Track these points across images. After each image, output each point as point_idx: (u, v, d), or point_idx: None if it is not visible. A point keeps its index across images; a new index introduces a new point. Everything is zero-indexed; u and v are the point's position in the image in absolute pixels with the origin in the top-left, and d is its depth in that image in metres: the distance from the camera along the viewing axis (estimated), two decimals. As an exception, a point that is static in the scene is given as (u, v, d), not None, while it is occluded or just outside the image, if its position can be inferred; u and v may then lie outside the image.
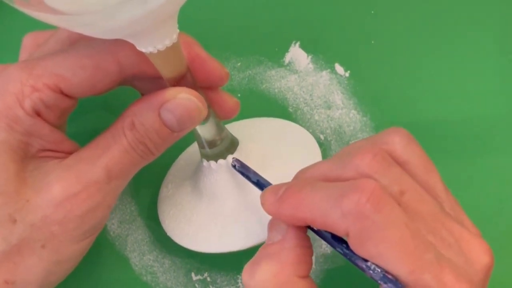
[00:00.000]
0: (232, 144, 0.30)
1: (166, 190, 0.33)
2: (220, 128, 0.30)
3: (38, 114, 0.26)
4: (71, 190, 0.25)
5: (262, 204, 0.25)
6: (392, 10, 0.38)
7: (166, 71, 0.26)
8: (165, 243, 0.33)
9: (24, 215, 0.25)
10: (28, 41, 0.30)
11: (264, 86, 0.37)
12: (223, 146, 0.30)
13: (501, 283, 0.31)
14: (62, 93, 0.26)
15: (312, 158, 0.31)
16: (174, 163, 0.34)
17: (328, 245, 0.32)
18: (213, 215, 0.30)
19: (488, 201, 0.33)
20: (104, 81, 0.26)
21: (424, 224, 0.23)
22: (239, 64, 0.37)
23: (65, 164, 0.26)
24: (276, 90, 0.37)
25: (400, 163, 0.24)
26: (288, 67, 0.37)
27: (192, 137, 0.30)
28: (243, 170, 0.29)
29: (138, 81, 0.29)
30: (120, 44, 0.26)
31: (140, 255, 0.33)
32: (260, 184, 0.28)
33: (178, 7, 0.23)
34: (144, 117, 0.26)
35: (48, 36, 0.29)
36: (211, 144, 0.30)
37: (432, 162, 0.25)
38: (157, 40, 0.24)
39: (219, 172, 0.30)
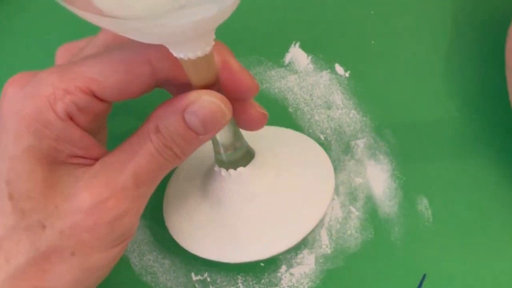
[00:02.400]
0: (249, 154, 0.30)
1: (176, 183, 0.33)
2: (237, 136, 0.29)
3: (70, 117, 0.25)
4: (100, 197, 0.25)
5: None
6: (392, 10, 0.38)
7: (196, 78, 0.25)
8: (165, 243, 0.33)
9: (54, 222, 0.25)
10: (62, 53, 0.30)
11: (264, 86, 0.37)
12: (239, 155, 0.30)
13: (501, 283, 0.31)
14: (94, 96, 0.26)
15: (325, 173, 0.32)
16: (181, 165, 0.34)
17: (328, 245, 0.32)
18: (216, 222, 0.30)
19: (489, 201, 0.33)
20: (136, 84, 0.26)
21: None
22: (239, 64, 0.37)
23: (93, 170, 0.26)
24: (276, 90, 0.37)
25: None
26: (288, 67, 0.37)
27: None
28: None
29: (171, 85, 0.29)
30: (153, 47, 0.25)
31: (140, 255, 0.33)
32: None
33: (222, 21, 0.23)
34: (168, 121, 0.25)
35: (80, 46, 0.29)
36: (227, 150, 0.29)
37: None
38: (193, 49, 0.23)
39: (230, 181, 0.30)
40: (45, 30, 0.39)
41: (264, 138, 0.33)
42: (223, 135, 0.29)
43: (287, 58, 0.37)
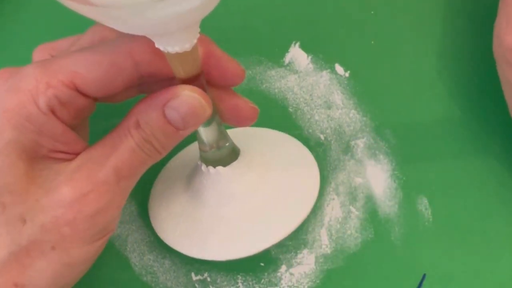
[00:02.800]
0: (233, 153, 0.30)
1: (160, 187, 0.33)
2: (222, 135, 0.29)
3: (52, 111, 0.25)
4: (81, 191, 0.25)
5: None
6: (392, 10, 0.38)
7: (180, 71, 0.26)
8: (165, 243, 0.33)
9: (34, 216, 0.25)
10: (39, 54, 0.30)
11: (264, 86, 0.37)
12: (224, 153, 0.30)
13: (501, 283, 0.31)
14: (77, 90, 0.26)
15: (312, 177, 0.32)
16: (170, 160, 0.34)
17: (328, 245, 0.32)
18: (196, 219, 0.30)
19: (489, 201, 0.33)
20: (119, 78, 0.26)
21: None
22: (239, 64, 0.37)
23: (75, 164, 0.26)
24: (276, 90, 0.37)
25: None
26: (288, 67, 0.37)
27: (193, 136, 0.30)
28: None
29: (155, 84, 0.29)
30: (136, 41, 0.26)
31: (140, 255, 0.33)
32: None
33: (207, 13, 0.23)
34: (148, 116, 0.26)
35: (59, 46, 0.29)
36: (211, 148, 0.29)
37: None
38: (178, 42, 0.23)
39: (216, 179, 0.30)
40: (45, 29, 0.39)
41: (251, 138, 0.33)
42: (208, 133, 0.29)
43: (287, 58, 0.37)
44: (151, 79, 0.28)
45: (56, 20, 0.39)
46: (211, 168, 0.30)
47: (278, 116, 0.36)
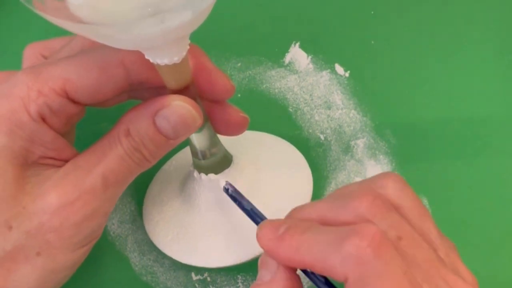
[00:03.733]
0: (226, 159, 0.30)
1: (155, 189, 0.33)
2: (214, 142, 0.29)
3: (43, 119, 0.25)
4: (67, 198, 0.25)
5: (259, 238, 0.24)
6: (392, 10, 0.38)
7: (170, 82, 0.26)
8: (165, 243, 0.33)
9: (20, 222, 0.25)
10: (29, 52, 0.30)
11: (264, 86, 0.37)
12: (216, 160, 0.30)
13: (501, 283, 0.31)
14: (68, 98, 0.26)
15: (305, 184, 0.31)
16: (167, 162, 0.34)
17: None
18: (186, 225, 0.30)
19: (489, 201, 0.33)
20: (109, 85, 0.26)
21: (420, 272, 0.22)
22: (239, 64, 0.37)
23: (62, 171, 0.26)
24: (276, 90, 0.37)
25: (394, 208, 0.24)
26: (288, 67, 0.37)
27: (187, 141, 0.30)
28: (236, 196, 0.28)
29: (145, 91, 0.29)
30: (128, 50, 0.26)
31: (140, 255, 0.33)
32: (253, 214, 0.27)
33: (192, 30, 0.23)
34: (139, 124, 0.26)
35: (50, 45, 0.29)
36: (204, 155, 0.30)
37: (425, 207, 0.25)
38: (167, 55, 0.24)
39: (208, 186, 0.30)
40: (45, 29, 0.39)
41: (245, 144, 0.32)
42: (199, 140, 0.29)
43: (287, 58, 0.37)
44: (142, 86, 0.28)
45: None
46: (203, 175, 0.30)
47: (278, 116, 0.36)
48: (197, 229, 0.30)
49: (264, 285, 0.24)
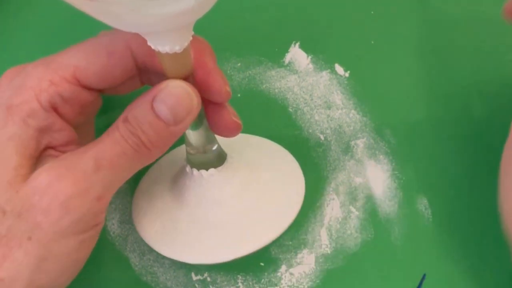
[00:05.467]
0: (220, 157, 0.30)
1: (147, 182, 0.33)
2: (210, 139, 0.29)
3: (55, 109, 0.26)
4: (56, 177, 0.25)
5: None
6: (392, 10, 0.38)
7: (170, 71, 0.26)
8: (165, 243, 0.33)
9: (13, 206, 0.25)
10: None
11: (264, 86, 0.37)
12: (210, 157, 0.30)
13: (501, 283, 0.31)
14: (80, 85, 0.26)
15: (295, 190, 0.31)
16: (163, 156, 0.34)
17: (328, 245, 0.32)
18: (179, 222, 0.30)
19: (489, 200, 0.33)
20: (118, 69, 0.26)
21: None
22: (239, 64, 0.37)
23: (60, 157, 0.26)
24: (276, 90, 0.37)
25: None
26: (288, 67, 0.37)
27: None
28: None
29: (154, 76, 0.28)
30: (132, 33, 0.25)
31: (140, 255, 0.33)
32: None
33: (194, 18, 0.23)
34: (137, 110, 0.25)
35: None
36: (198, 151, 0.29)
37: None
38: (168, 42, 0.23)
39: (198, 181, 0.30)
40: (45, 30, 0.39)
41: (241, 145, 0.32)
42: (195, 136, 0.29)
43: (287, 58, 0.37)
44: (150, 70, 0.28)
45: (57, 21, 0.39)
46: (194, 171, 0.30)
47: (278, 116, 0.36)
48: (184, 224, 0.30)
49: None
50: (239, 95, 0.36)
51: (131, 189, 0.34)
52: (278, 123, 0.36)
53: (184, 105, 0.26)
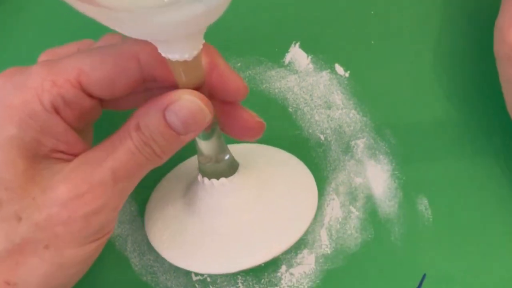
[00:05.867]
0: (232, 166, 0.30)
1: (161, 190, 0.33)
2: (221, 148, 0.29)
3: (56, 110, 0.25)
4: (77, 191, 0.25)
5: None
6: (392, 10, 0.38)
7: (182, 80, 0.25)
8: (165, 243, 0.33)
9: (30, 214, 0.25)
10: (43, 58, 0.30)
11: (264, 86, 0.37)
12: (221, 166, 0.30)
13: (501, 283, 0.31)
14: (82, 90, 0.26)
15: (308, 199, 0.31)
16: (177, 166, 0.34)
17: (328, 245, 0.32)
18: (191, 230, 0.30)
19: (488, 201, 0.33)
20: (123, 79, 0.26)
21: None
22: (239, 64, 0.37)
23: (72, 165, 0.26)
24: (276, 90, 0.37)
25: None
26: (288, 67, 0.37)
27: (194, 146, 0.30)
28: None
29: (159, 91, 0.28)
30: (141, 44, 0.26)
31: (140, 255, 0.33)
32: None
33: (204, 25, 0.23)
34: (149, 119, 0.25)
35: (64, 51, 0.29)
36: (210, 161, 0.29)
37: None
38: (178, 50, 0.23)
39: (210, 191, 0.30)
40: (45, 30, 0.39)
41: (253, 155, 0.32)
42: (207, 145, 0.29)
43: (287, 58, 0.37)
44: (156, 84, 0.27)
45: (57, 21, 0.39)
46: (206, 180, 0.30)
47: (278, 116, 0.36)
48: (194, 233, 0.30)
49: None
50: (239, 95, 0.36)
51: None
52: (278, 123, 0.36)
53: (197, 120, 0.26)
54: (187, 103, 0.25)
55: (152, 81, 0.27)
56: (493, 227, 0.32)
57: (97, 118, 0.28)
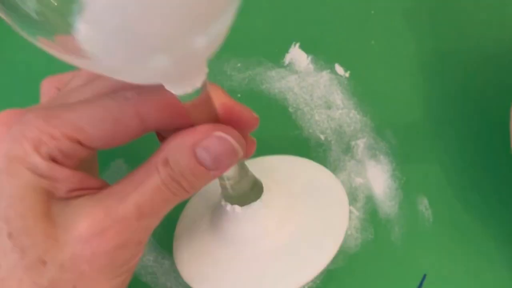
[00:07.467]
0: (256, 186, 0.29)
1: (184, 225, 0.32)
2: (244, 172, 0.28)
3: (55, 161, 0.25)
4: (99, 227, 0.24)
5: None
6: (392, 10, 0.38)
7: (197, 119, 0.25)
8: (164, 244, 0.33)
9: (54, 256, 0.24)
10: (47, 86, 0.30)
11: (264, 86, 0.37)
12: (245, 189, 0.29)
13: (501, 283, 0.31)
14: (80, 143, 0.25)
15: (340, 216, 0.30)
16: (192, 197, 0.33)
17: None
18: (234, 261, 0.29)
19: (488, 201, 0.33)
20: (123, 134, 0.26)
21: None
22: (239, 64, 0.37)
23: (95, 199, 0.25)
24: (276, 91, 0.37)
25: None
26: (288, 68, 0.37)
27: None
28: None
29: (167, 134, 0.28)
30: (143, 97, 0.25)
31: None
32: None
33: (205, 56, 0.22)
34: (179, 155, 0.25)
35: (65, 79, 0.29)
36: (233, 188, 0.28)
37: None
38: (180, 86, 0.23)
39: (235, 217, 0.29)
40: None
41: (278, 171, 0.31)
42: (229, 173, 0.28)
43: (287, 58, 0.37)
44: (163, 131, 0.27)
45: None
46: (228, 206, 0.29)
47: (278, 116, 0.36)
48: (221, 261, 0.29)
49: None
50: (239, 95, 0.36)
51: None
52: (278, 123, 0.36)
53: (228, 158, 0.25)
54: (218, 140, 0.25)
55: (154, 130, 0.27)
56: (493, 227, 0.32)
57: (97, 157, 0.28)
